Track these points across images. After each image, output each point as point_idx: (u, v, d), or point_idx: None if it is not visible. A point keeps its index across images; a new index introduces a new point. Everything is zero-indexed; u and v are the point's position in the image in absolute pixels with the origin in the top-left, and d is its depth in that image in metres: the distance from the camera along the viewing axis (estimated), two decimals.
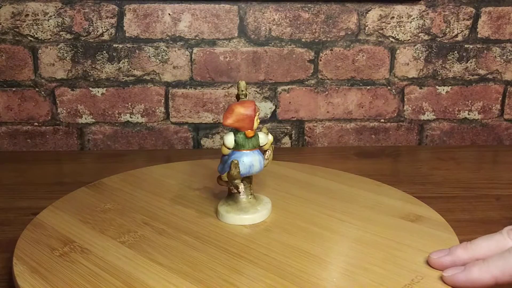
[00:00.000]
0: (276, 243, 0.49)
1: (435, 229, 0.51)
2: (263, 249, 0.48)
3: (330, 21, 0.88)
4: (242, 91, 0.52)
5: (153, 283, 0.42)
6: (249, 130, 0.51)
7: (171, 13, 0.86)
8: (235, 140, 0.51)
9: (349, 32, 0.89)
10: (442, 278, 0.41)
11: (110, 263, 0.45)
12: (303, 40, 0.89)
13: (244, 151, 0.51)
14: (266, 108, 0.92)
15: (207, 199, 0.59)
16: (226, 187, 0.55)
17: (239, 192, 0.52)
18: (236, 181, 0.51)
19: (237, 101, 0.52)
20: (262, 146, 0.53)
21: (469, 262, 0.40)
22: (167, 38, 0.87)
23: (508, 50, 0.92)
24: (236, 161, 0.50)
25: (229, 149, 0.51)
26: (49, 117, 0.90)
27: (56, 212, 0.55)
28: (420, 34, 0.90)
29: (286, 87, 0.91)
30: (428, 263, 0.43)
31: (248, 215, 0.53)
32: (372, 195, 0.61)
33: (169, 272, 0.43)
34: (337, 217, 0.55)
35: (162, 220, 0.53)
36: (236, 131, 0.51)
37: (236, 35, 0.88)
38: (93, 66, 0.88)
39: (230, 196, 0.55)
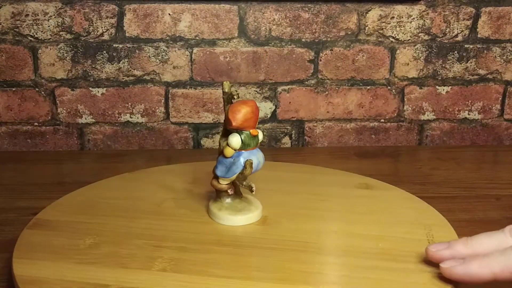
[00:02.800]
0: (297, 230, 0.52)
1: (388, 190, 0.64)
2: (297, 237, 0.50)
3: (330, 21, 0.88)
4: (237, 91, 0.51)
5: None
6: (254, 129, 0.51)
7: (171, 13, 0.86)
8: (241, 140, 0.50)
9: (349, 32, 0.89)
10: (440, 270, 0.41)
11: None
12: (303, 40, 0.89)
13: (251, 150, 0.51)
14: (266, 108, 0.92)
15: (173, 209, 0.57)
16: (209, 190, 0.55)
17: (252, 191, 0.52)
18: (246, 181, 0.51)
19: (231, 101, 0.51)
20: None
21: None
22: (167, 38, 0.87)
23: (508, 50, 0.92)
24: (251, 161, 0.50)
25: (235, 150, 0.51)
26: (49, 117, 0.90)
27: (38, 261, 0.45)
28: (420, 34, 0.90)
29: (286, 87, 0.91)
30: (426, 255, 0.43)
31: (253, 213, 0.54)
32: (325, 176, 0.69)
33: (258, 282, 0.42)
34: (327, 200, 0.60)
35: (170, 239, 0.50)
36: (240, 131, 0.51)
37: (236, 35, 0.88)
38: (93, 66, 0.88)
39: (224, 198, 0.55)
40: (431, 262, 0.43)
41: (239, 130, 0.51)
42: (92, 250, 0.48)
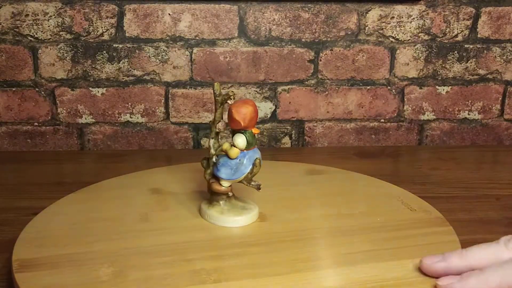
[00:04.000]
0: (298, 220, 0.54)
1: (339, 173, 0.70)
2: (304, 226, 0.52)
3: (330, 21, 0.88)
4: (233, 91, 0.51)
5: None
6: (255, 128, 0.50)
7: (171, 13, 0.86)
8: (246, 140, 0.50)
9: (349, 32, 0.89)
10: (436, 287, 0.40)
11: None
12: (303, 40, 0.89)
13: (253, 149, 0.51)
14: (266, 108, 0.92)
15: (166, 220, 0.55)
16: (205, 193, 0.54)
17: (259, 189, 0.52)
18: (253, 180, 0.51)
19: (225, 102, 0.51)
20: None
21: (464, 271, 0.39)
22: (167, 38, 0.87)
23: (508, 50, 0.92)
24: (260, 159, 0.51)
25: (242, 150, 0.50)
26: (49, 117, 0.90)
27: None
28: (420, 34, 0.90)
29: (286, 87, 0.91)
30: (420, 268, 0.42)
31: (253, 211, 0.54)
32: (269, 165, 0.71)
33: (313, 272, 0.44)
34: (305, 189, 0.64)
35: (191, 251, 0.47)
36: (244, 131, 0.50)
37: (236, 35, 0.88)
38: (93, 66, 0.88)
39: (222, 201, 0.54)
40: (434, 225, 0.50)
41: (242, 130, 0.50)
42: (120, 278, 0.42)
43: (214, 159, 0.53)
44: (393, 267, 0.44)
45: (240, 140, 0.50)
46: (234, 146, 0.50)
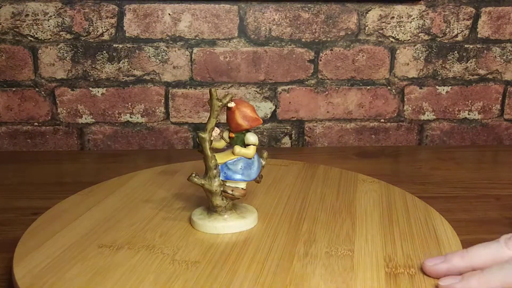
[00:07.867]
0: (296, 212, 0.54)
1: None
2: (308, 215, 0.54)
3: (330, 21, 0.88)
4: (227, 94, 0.51)
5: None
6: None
7: (171, 13, 0.86)
8: None
9: (349, 32, 0.89)
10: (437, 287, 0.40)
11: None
12: (303, 40, 0.89)
13: None
14: (266, 108, 0.92)
15: (176, 238, 0.49)
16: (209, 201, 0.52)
17: (259, 181, 0.52)
18: None
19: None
20: None
21: (465, 271, 0.39)
22: (167, 38, 0.87)
23: (508, 50, 0.92)
24: (266, 151, 0.53)
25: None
26: (49, 117, 0.90)
27: None
28: (420, 34, 0.90)
29: (286, 87, 0.91)
30: (422, 269, 0.42)
31: (254, 214, 0.52)
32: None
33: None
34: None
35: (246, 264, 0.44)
36: (251, 129, 0.49)
37: (236, 35, 0.88)
38: (93, 66, 0.88)
39: (232, 208, 0.52)
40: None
41: (247, 130, 0.49)
42: None
43: (217, 169, 0.49)
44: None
45: (253, 137, 0.49)
46: (249, 145, 0.49)
